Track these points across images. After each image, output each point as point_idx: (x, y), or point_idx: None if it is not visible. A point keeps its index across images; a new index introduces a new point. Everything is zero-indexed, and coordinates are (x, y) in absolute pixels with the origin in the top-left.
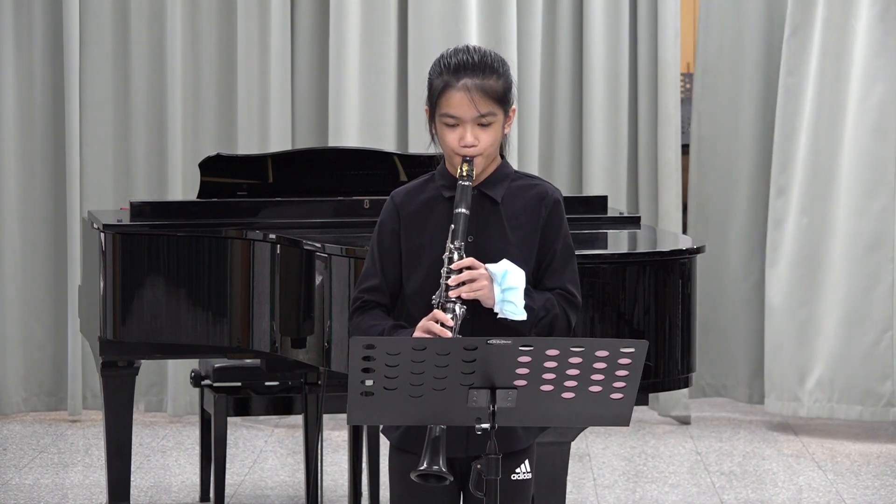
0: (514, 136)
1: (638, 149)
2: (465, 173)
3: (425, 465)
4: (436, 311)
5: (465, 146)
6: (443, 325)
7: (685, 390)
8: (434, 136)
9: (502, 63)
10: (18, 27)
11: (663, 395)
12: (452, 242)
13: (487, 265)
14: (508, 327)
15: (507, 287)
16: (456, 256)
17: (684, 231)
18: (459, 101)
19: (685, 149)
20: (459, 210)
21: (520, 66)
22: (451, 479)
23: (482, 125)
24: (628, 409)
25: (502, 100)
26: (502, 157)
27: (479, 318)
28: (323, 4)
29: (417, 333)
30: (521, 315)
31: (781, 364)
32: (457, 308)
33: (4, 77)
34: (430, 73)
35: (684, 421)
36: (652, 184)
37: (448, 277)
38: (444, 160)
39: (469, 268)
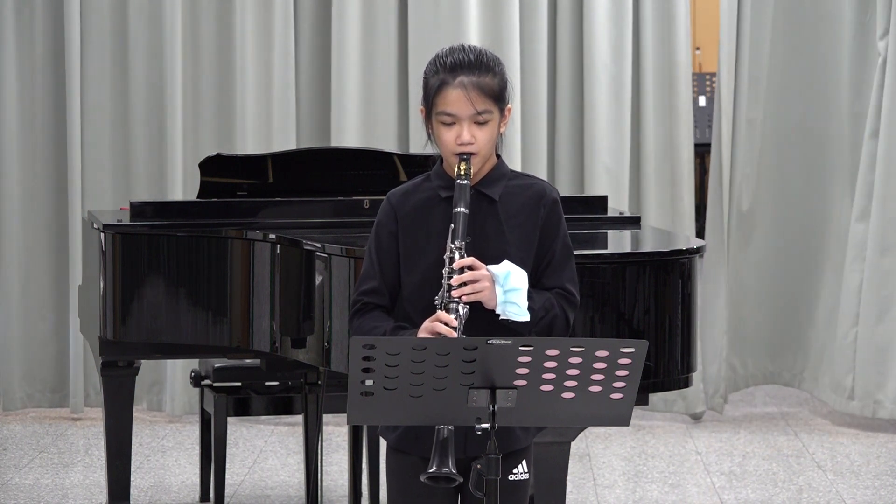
0: (520, 137)
1: (650, 149)
2: (462, 172)
3: (435, 467)
4: (439, 312)
5: (462, 144)
6: (447, 326)
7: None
8: (430, 135)
9: (497, 62)
10: (19, 28)
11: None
12: (453, 242)
13: (489, 266)
14: (508, 327)
15: (509, 288)
16: (457, 256)
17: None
18: (456, 98)
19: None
20: (459, 209)
21: (524, 67)
22: (461, 480)
23: (479, 123)
24: (628, 410)
25: (498, 98)
26: (498, 156)
27: (480, 318)
28: (324, 4)
29: (422, 335)
30: (524, 316)
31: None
32: (460, 308)
33: (6, 78)
34: (425, 73)
35: (697, 417)
36: (665, 185)
37: (450, 278)
38: (440, 160)
39: (470, 268)
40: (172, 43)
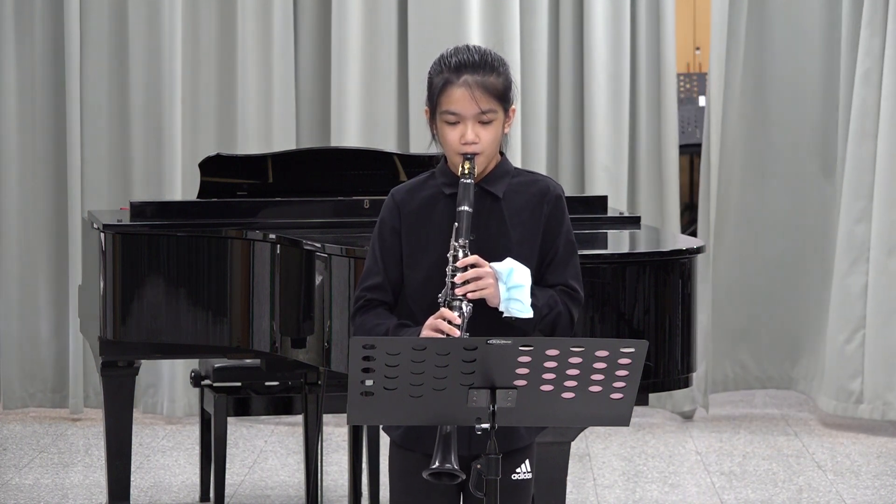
0: (520, 137)
1: (640, 149)
2: (466, 171)
3: (437, 463)
4: (443, 309)
5: (466, 143)
6: (450, 323)
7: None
8: (435, 135)
9: (502, 62)
10: (19, 28)
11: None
12: (457, 240)
13: (492, 264)
14: (511, 325)
15: (512, 285)
16: (461, 254)
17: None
18: (460, 97)
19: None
20: (462, 208)
21: (524, 66)
22: (464, 476)
23: (483, 122)
24: (628, 410)
25: (503, 97)
26: (502, 154)
27: (483, 316)
28: (324, 4)
29: (425, 332)
30: (527, 313)
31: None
32: (464, 306)
33: (6, 77)
34: (430, 73)
35: (688, 416)
36: (653, 184)
37: (453, 276)
38: (443, 158)
39: (474, 266)
40: (172, 43)
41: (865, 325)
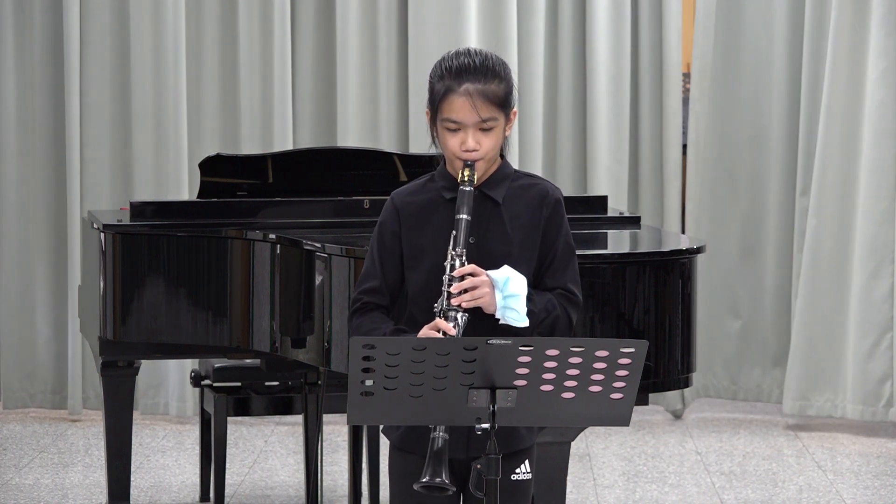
0: (517, 137)
1: (641, 149)
2: (466, 178)
3: (428, 476)
4: (438, 319)
5: (467, 151)
6: (445, 334)
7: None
8: (435, 139)
9: (503, 66)
10: (19, 27)
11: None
12: (454, 249)
13: (489, 272)
14: (508, 331)
15: (508, 294)
16: (458, 263)
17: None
18: (461, 106)
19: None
20: (461, 216)
21: (522, 67)
22: (454, 489)
23: (483, 130)
24: (628, 410)
25: (503, 104)
26: (502, 157)
27: (481, 322)
28: (324, 4)
29: None
30: (523, 322)
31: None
32: (459, 316)
33: (5, 77)
34: (431, 77)
35: (677, 415)
36: (655, 184)
37: (450, 285)
38: (444, 160)
39: (471, 275)
40: (175, 42)
41: (893, 328)
